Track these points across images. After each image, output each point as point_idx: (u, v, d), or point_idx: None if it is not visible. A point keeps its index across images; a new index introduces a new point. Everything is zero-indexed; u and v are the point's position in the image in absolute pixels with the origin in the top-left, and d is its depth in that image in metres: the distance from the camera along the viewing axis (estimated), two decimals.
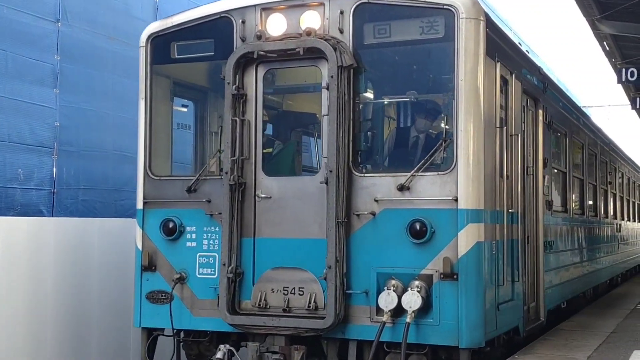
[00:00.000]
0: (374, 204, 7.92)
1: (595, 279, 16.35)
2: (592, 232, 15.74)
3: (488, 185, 8.01)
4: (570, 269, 13.13)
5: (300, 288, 8.14)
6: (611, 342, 10.14)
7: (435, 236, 7.69)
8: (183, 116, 10.12)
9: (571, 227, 13.25)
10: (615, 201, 20.38)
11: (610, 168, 19.28)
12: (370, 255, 7.91)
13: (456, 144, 7.69)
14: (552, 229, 11.51)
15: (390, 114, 8.76)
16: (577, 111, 14.36)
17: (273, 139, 9.29)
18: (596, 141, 16.84)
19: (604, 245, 17.73)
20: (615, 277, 21.13)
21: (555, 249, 11.57)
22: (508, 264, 8.74)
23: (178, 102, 9.87)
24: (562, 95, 12.71)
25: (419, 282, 7.68)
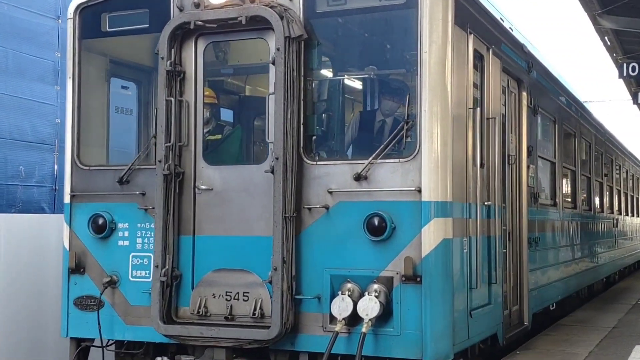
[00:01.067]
0: (327, 196, 7.03)
1: (590, 277, 15.48)
2: (585, 227, 14.87)
3: (458, 175, 7.12)
4: (560, 267, 12.25)
5: (245, 293, 7.24)
6: (613, 338, 10.14)
7: (396, 233, 6.80)
8: (124, 99, 9.18)
9: (561, 222, 12.36)
10: (612, 195, 19.51)
11: (607, 160, 18.42)
12: (323, 255, 7.02)
13: (419, 126, 6.79)
14: (539, 224, 10.63)
15: (347, 93, 7.84)
16: (568, 96, 13.45)
17: (218, 123, 8.36)
18: (590, 130, 15.96)
19: (600, 241, 16.86)
20: (613, 275, 20.27)
21: (542, 246, 10.69)
22: (483, 263, 7.85)
23: (117, 84, 8.91)
24: (550, 77, 11.81)
25: (378, 286, 6.80)
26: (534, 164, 10.35)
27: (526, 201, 9.83)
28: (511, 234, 9.35)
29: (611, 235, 19.04)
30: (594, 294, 16.85)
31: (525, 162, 9.88)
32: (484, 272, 7.89)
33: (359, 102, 8.13)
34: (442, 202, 6.81)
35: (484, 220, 7.90)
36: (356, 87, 7.94)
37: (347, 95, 7.83)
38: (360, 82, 7.91)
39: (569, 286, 13.11)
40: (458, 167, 7.14)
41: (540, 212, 10.80)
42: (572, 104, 13.89)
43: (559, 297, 12.14)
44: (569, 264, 12.96)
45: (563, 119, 12.72)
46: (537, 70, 10.72)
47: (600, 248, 16.90)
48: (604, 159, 17.94)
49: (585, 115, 15.66)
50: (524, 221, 9.80)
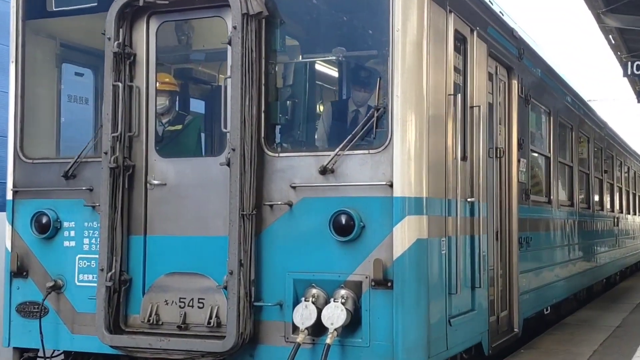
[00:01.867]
0: (290, 191, 6.41)
1: (589, 278, 14.85)
2: (583, 226, 14.23)
3: (436, 168, 6.49)
4: (555, 269, 11.62)
5: (200, 299, 6.62)
6: (617, 337, 10.19)
7: (365, 232, 6.18)
8: (79, 87, 8.54)
9: (556, 221, 11.72)
10: (613, 192, 18.85)
11: (607, 156, 17.76)
12: (286, 258, 6.41)
13: (391, 113, 6.16)
14: (531, 223, 9.99)
15: (315, 78, 7.18)
16: (565, 88, 12.81)
17: (179, 113, 7.73)
18: (589, 125, 15.32)
19: (599, 241, 16.21)
20: (614, 275, 19.61)
21: (534, 246, 10.06)
22: (465, 266, 7.23)
23: (69, 70, 8.27)
24: (544, 66, 11.17)
25: (345, 292, 6.18)
26: (526, 158, 9.72)
27: (516, 198, 9.20)
28: (499, 233, 8.72)
29: (612, 235, 18.39)
30: (594, 295, 16.20)
31: (515, 156, 9.25)
32: (466, 275, 7.27)
33: (328, 88, 7.49)
34: (417, 198, 6.19)
35: (466, 219, 7.28)
36: (325, 72, 7.31)
37: (315, 80, 7.17)
38: (329, 66, 7.26)
39: (566, 288, 12.48)
40: (435, 160, 6.51)
41: (533, 209, 10.17)
42: (568, 96, 13.26)
43: (553, 300, 11.51)
44: (564, 265, 12.32)
45: (559, 111, 12.08)
46: (530, 57, 10.09)
47: (600, 248, 16.27)
48: (603, 155, 17.29)
49: (584, 108, 15.01)
50: (514, 219, 9.17)
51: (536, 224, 10.42)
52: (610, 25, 18.06)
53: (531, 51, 10.27)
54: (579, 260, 13.65)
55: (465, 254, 7.27)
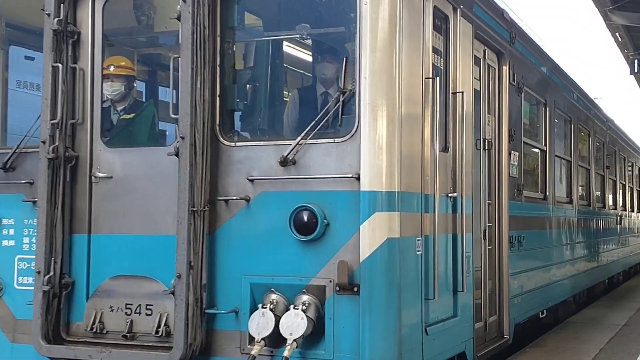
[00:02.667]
0: (248, 185, 5.81)
1: (589, 279, 14.20)
2: (583, 224, 13.61)
3: (410, 159, 5.87)
4: (551, 270, 10.99)
5: (149, 306, 6.02)
6: (623, 335, 10.21)
7: (330, 231, 5.58)
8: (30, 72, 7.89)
9: (553, 219, 11.08)
10: (616, 189, 18.19)
11: (609, 151, 17.10)
12: (243, 259, 5.82)
13: (358, 97, 5.52)
14: (524, 221, 9.37)
15: (278, 59, 6.55)
16: (563, 78, 12.16)
17: (136, 100, 7.11)
18: (590, 118, 14.67)
19: (601, 239, 15.56)
20: (617, 276, 18.95)
21: (528, 245, 9.43)
22: (446, 268, 6.60)
23: (18, 53, 7.64)
24: (539, 52, 10.53)
25: (307, 297, 5.57)
26: (518, 150, 9.09)
27: (507, 194, 8.58)
28: (487, 231, 8.08)
29: (614, 233, 17.73)
30: (595, 297, 15.55)
31: (506, 148, 8.63)
32: (447, 278, 6.65)
33: (294, 70, 6.86)
34: (387, 192, 5.57)
35: (447, 215, 6.66)
36: (291, 52, 6.67)
37: (278, 61, 6.54)
38: (295, 46, 6.63)
39: (563, 290, 11.85)
40: (410, 150, 5.89)
41: (526, 206, 9.54)
42: (567, 87, 12.61)
43: (549, 303, 10.87)
44: (562, 266, 11.69)
45: (556, 102, 11.44)
46: (522, 42, 9.45)
47: (601, 247, 15.62)
48: (606, 150, 16.64)
49: (584, 100, 14.36)
50: (504, 217, 8.55)
51: (530, 222, 9.80)
52: (617, 23, 17.88)
53: (524, 36, 9.64)
54: (578, 261, 13.02)
55: (445, 255, 6.66)
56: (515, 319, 8.87)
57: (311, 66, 6.56)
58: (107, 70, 6.65)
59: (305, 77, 6.95)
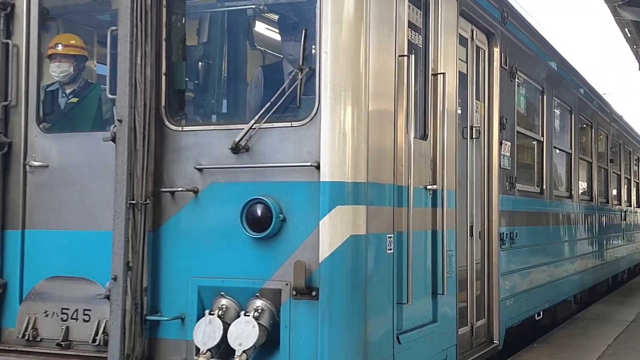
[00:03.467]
0: (196, 174, 5.18)
1: (591, 278, 13.54)
2: (585, 220, 12.97)
3: (380, 146, 5.25)
4: (548, 269, 10.34)
5: (86, 310, 5.42)
6: (631, 331, 10.24)
7: (287, 227, 4.95)
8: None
9: (550, 215, 10.43)
10: (620, 184, 17.50)
11: (614, 144, 16.41)
12: (190, 259, 5.20)
13: (319, 75, 4.88)
14: (517, 216, 8.73)
15: (238, 33, 5.89)
16: (561, 64, 11.48)
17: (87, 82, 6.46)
18: (593, 108, 14.00)
19: (603, 236, 14.88)
20: (621, 274, 18.27)
21: (521, 243, 8.79)
22: (424, 268, 5.96)
23: None
24: (535, 36, 9.86)
25: (261, 303, 4.95)
26: (510, 140, 8.44)
27: (497, 187, 7.94)
28: (474, 227, 7.44)
29: (618, 230, 17.05)
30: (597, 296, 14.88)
31: (496, 138, 7.99)
32: (425, 279, 6.01)
33: (258, 48, 6.21)
34: (352, 183, 4.94)
35: (425, 210, 6.03)
36: (251, 26, 6.00)
37: (238, 36, 5.88)
38: (256, 20, 5.97)
39: (562, 290, 11.19)
40: (380, 136, 5.26)
41: (520, 201, 8.89)
42: (567, 75, 11.94)
43: (546, 304, 10.22)
44: (560, 264, 11.04)
45: (555, 89, 10.77)
46: (516, 23, 8.78)
47: (604, 244, 14.95)
48: (609, 143, 15.95)
49: (587, 90, 13.68)
50: (495, 212, 7.91)
51: (524, 218, 9.15)
52: (626, 18, 17.46)
53: (518, 16, 8.97)
54: (578, 259, 12.36)
55: (424, 254, 6.03)
56: (507, 323, 8.23)
57: (274, 42, 5.91)
58: (55, 50, 6.04)
59: (268, 55, 6.31)
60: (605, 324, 10.98)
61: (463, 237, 7.23)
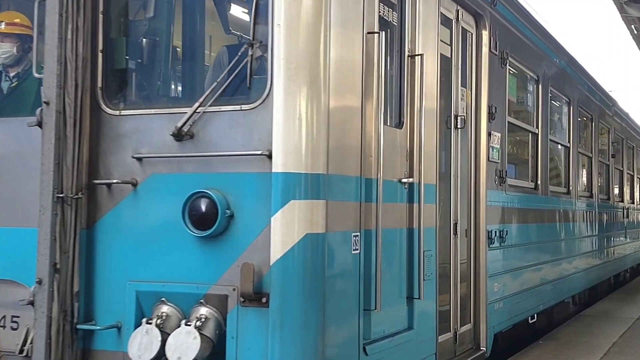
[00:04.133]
0: (135, 165, 4.60)
1: (590, 278, 12.95)
2: (584, 218, 12.41)
3: (345, 133, 4.66)
4: (543, 269, 9.75)
5: (14, 317, 4.85)
6: (636, 329, 10.23)
7: (235, 225, 4.39)
8: None
9: (545, 212, 9.85)
10: (623, 180, 16.90)
11: (616, 138, 15.80)
12: (127, 261, 4.62)
13: (271, 52, 4.30)
14: (508, 213, 8.16)
15: (189, 7, 5.30)
16: (557, 50, 10.88)
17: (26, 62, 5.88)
18: (593, 100, 13.40)
19: (604, 235, 14.29)
20: (623, 273, 17.66)
21: (512, 241, 8.21)
22: (399, 270, 5.39)
23: None
24: (529, 20, 9.26)
25: (206, 310, 4.38)
26: (500, 131, 7.86)
27: (485, 181, 7.36)
28: (458, 225, 6.86)
29: (620, 228, 16.43)
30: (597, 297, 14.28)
31: (484, 128, 7.41)
32: (399, 282, 5.46)
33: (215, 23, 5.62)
34: (309, 174, 4.37)
35: (400, 206, 5.46)
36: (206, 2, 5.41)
37: (189, 10, 5.28)
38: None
39: (558, 292, 10.61)
40: (345, 122, 4.69)
41: (512, 197, 8.32)
42: (565, 63, 11.34)
43: (540, 307, 9.64)
44: (556, 264, 10.46)
45: (551, 79, 10.18)
46: (507, 5, 8.19)
47: (605, 243, 14.36)
48: (611, 137, 15.33)
49: (587, 81, 13.08)
50: (482, 208, 7.33)
51: (516, 214, 8.58)
52: (632, 16, 17.29)
53: None
54: (576, 258, 11.78)
55: (399, 254, 5.46)
56: (495, 327, 7.67)
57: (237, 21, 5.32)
58: None
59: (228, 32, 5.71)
60: (611, 321, 10.94)
61: (445, 235, 6.66)
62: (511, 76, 8.56)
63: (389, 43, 5.40)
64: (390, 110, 5.40)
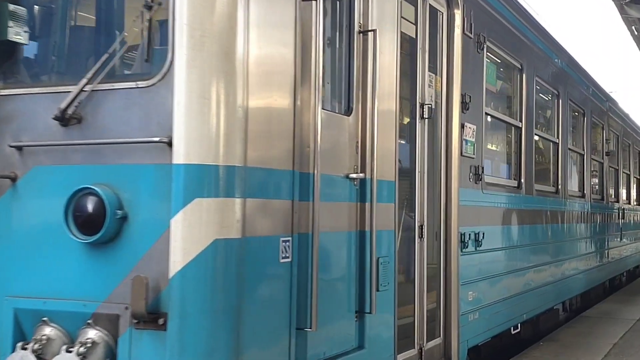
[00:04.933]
0: (15, 155, 3.80)
1: (581, 284, 12.16)
2: (574, 219, 11.60)
3: (270, 118, 3.87)
4: (527, 274, 8.96)
5: None
6: (637, 330, 10.29)
7: (128, 229, 3.59)
8: None
9: (531, 212, 9.05)
10: (618, 179, 16.10)
11: (610, 135, 14.98)
12: (5, 272, 3.81)
13: (172, 14, 3.50)
14: (483, 214, 7.36)
15: None
16: (544, 38, 10.07)
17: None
18: (585, 94, 12.61)
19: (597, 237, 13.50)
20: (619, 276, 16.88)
21: (488, 245, 7.42)
22: (341, 281, 4.58)
23: None
24: (511, 2, 8.44)
25: (94, 333, 3.56)
26: (475, 123, 7.06)
27: (457, 178, 6.57)
28: (424, 227, 6.07)
29: (615, 229, 15.62)
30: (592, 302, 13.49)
31: (456, 119, 6.63)
32: (347, 295, 4.65)
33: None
34: (220, 167, 3.56)
35: (346, 206, 4.66)
36: None
37: None
38: None
39: (545, 299, 9.81)
40: (272, 105, 3.89)
41: (490, 196, 7.53)
42: (553, 52, 10.54)
43: (524, 316, 8.84)
44: (543, 269, 9.66)
45: (537, 68, 9.39)
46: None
47: (598, 245, 13.58)
48: (605, 134, 14.53)
49: (578, 73, 12.28)
50: (454, 209, 6.54)
51: (495, 215, 7.80)
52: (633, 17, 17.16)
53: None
54: (567, 262, 10.98)
55: (344, 262, 4.66)
56: (470, 341, 6.89)
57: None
58: None
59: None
60: (611, 322, 10.97)
61: (409, 238, 5.87)
62: (490, 63, 7.78)
63: (333, 14, 4.62)
64: (336, 94, 4.62)
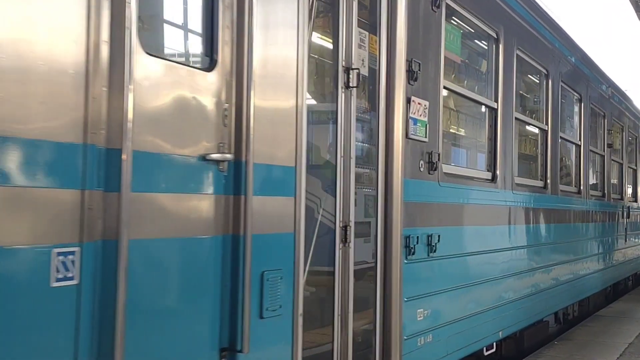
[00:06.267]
0: None
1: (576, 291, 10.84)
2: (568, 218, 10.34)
3: (27, 54, 2.51)
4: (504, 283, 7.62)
5: None
6: None
7: None
8: None
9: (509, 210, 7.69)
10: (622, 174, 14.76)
11: (613, 125, 13.59)
12: None
13: None
14: (441, 211, 6.03)
15: None
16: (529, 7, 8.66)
17: None
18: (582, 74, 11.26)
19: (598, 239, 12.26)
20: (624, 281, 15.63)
21: (448, 250, 6.10)
22: (187, 309, 3.24)
23: None
24: None
25: None
26: (430, 99, 5.70)
27: (401, 166, 5.24)
28: (349, 228, 4.72)
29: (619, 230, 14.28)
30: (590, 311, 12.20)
31: (401, 91, 5.29)
32: (206, 330, 3.29)
33: None
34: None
35: (196, 199, 3.30)
36: None
37: None
38: None
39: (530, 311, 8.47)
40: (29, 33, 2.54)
41: (450, 190, 6.17)
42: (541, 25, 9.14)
43: (500, 333, 7.48)
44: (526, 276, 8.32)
45: (520, 40, 8.01)
46: None
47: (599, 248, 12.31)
48: (607, 123, 13.15)
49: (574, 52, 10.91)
50: (396, 205, 5.20)
51: (458, 214, 6.45)
52: None
53: None
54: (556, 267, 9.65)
55: (203, 279, 3.31)
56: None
57: None
58: None
59: None
60: (626, 321, 11.04)
61: (325, 244, 4.53)
62: (452, 27, 6.42)
63: None
64: (183, 34, 3.28)
